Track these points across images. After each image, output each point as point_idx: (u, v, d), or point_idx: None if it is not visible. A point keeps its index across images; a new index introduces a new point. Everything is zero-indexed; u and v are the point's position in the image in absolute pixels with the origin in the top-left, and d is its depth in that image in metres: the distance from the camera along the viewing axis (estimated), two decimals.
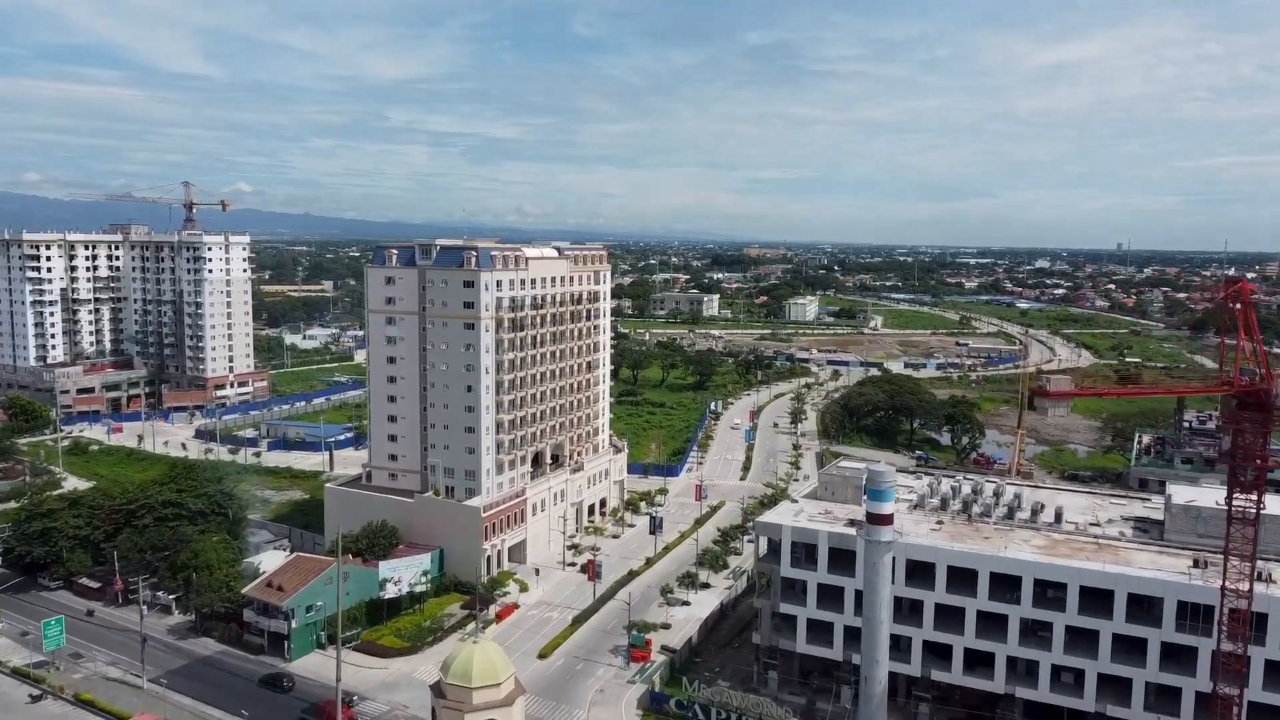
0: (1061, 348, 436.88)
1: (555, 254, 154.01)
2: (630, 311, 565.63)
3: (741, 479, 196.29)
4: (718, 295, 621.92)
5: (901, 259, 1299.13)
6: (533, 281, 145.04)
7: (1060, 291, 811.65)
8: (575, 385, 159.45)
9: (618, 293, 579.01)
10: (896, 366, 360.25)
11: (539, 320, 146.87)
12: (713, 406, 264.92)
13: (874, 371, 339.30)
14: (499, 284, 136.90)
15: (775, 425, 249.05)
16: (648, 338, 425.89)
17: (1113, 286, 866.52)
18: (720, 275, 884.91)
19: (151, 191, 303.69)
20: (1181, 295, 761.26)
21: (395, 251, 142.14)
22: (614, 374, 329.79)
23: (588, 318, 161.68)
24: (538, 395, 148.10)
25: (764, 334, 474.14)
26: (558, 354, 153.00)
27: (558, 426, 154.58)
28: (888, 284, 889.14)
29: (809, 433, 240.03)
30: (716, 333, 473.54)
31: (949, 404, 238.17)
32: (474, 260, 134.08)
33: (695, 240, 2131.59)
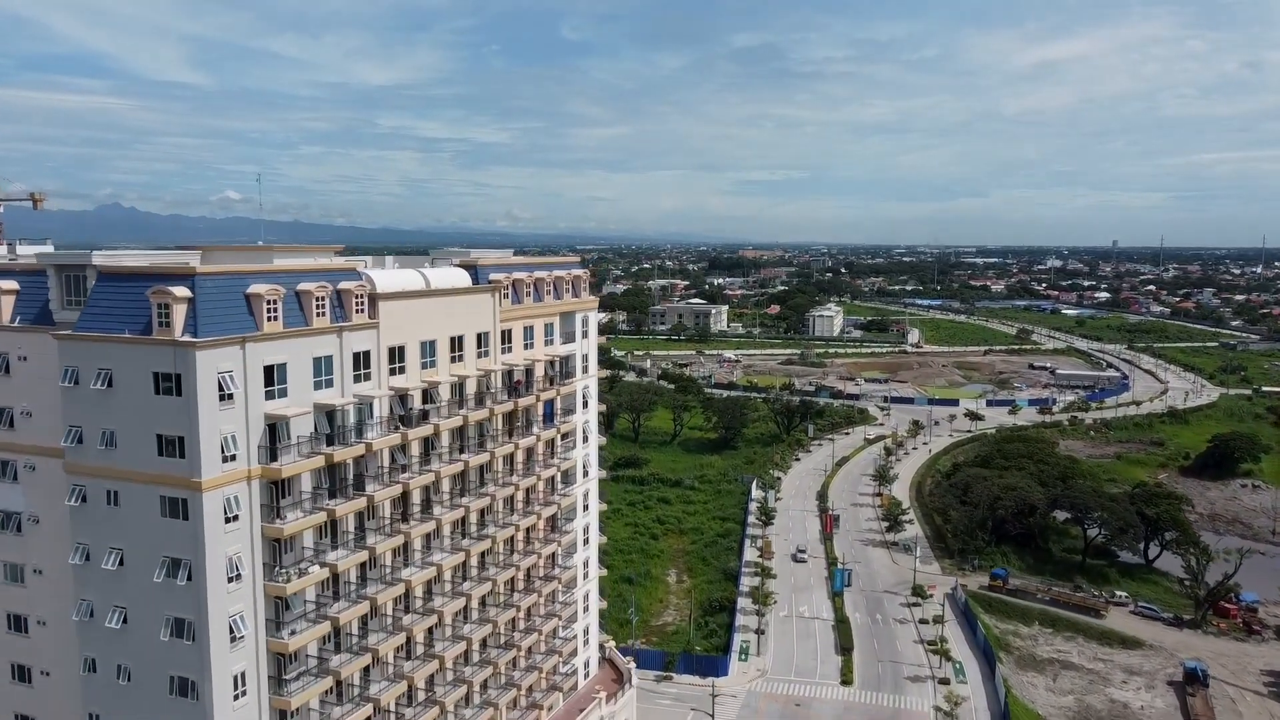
0: (1161, 369, 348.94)
1: (465, 278, 64.56)
2: (624, 326, 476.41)
3: (844, 681, 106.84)
4: (726, 306, 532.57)
5: (904, 259, 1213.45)
6: (397, 359, 56.07)
7: (1103, 295, 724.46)
8: (522, 579, 70.38)
9: (610, 304, 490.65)
10: (974, 403, 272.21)
11: (417, 453, 57.74)
12: (755, 493, 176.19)
13: (960, 418, 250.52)
14: (280, 375, 48.07)
15: (860, 517, 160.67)
16: (649, 365, 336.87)
17: (1152, 288, 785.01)
18: (721, 280, 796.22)
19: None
20: (1240, 297, 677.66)
21: (11, 288, 52.75)
22: (609, 424, 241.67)
23: (548, 420, 72.57)
24: (408, 645, 58.88)
25: (790, 355, 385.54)
26: (469, 521, 63.98)
27: (473, 692, 65.33)
28: (907, 288, 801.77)
29: (914, 541, 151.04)
30: (731, 354, 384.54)
31: (1140, 497, 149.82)
32: (177, 314, 44.79)
33: (687, 242, 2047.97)
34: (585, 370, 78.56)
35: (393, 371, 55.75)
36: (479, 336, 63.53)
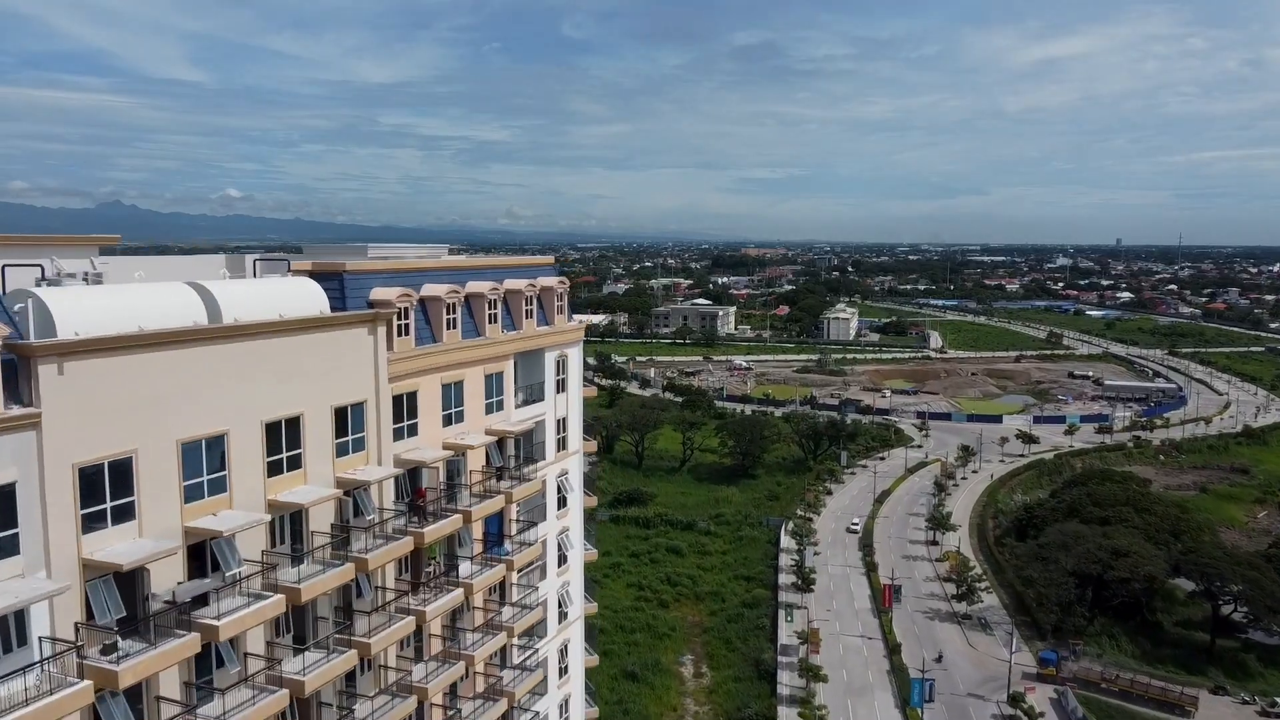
0: (1214, 378, 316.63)
1: (315, 297, 32.72)
2: (626, 329, 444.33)
3: None
4: (733, 307, 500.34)
5: (909, 258, 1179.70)
6: (107, 493, 24.41)
7: (1125, 295, 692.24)
8: None
9: (610, 305, 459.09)
10: (1020, 418, 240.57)
11: (178, 691, 26.27)
12: (785, 541, 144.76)
13: (1012, 439, 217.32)
14: None
15: (916, 575, 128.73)
16: (652, 374, 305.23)
17: (1173, 287, 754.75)
18: (726, 279, 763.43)
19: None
20: (1270, 298, 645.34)
21: None
22: (608, 448, 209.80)
23: (494, 546, 40.83)
24: None
25: (805, 361, 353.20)
26: None
27: None
28: (919, 288, 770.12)
29: (992, 613, 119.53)
30: (742, 361, 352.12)
31: (1268, 556, 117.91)
32: None
33: (689, 240, 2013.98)
34: (563, 446, 46.76)
35: (93, 523, 23.99)
36: (341, 415, 31.77)
